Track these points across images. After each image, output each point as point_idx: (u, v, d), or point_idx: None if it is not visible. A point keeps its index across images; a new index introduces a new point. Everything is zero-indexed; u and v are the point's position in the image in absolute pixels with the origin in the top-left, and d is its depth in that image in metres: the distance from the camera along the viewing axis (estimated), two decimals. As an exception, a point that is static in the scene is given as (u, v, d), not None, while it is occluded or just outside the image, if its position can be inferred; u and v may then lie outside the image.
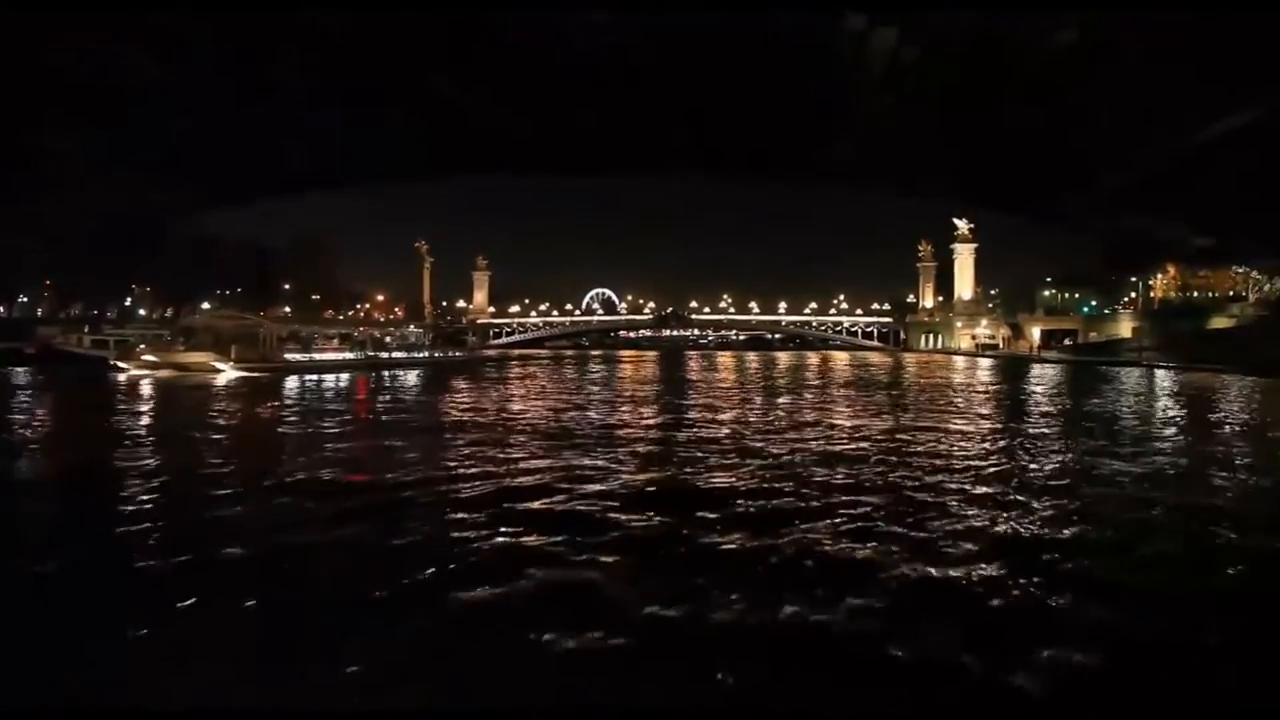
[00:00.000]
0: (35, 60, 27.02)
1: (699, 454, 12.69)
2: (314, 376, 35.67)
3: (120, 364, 36.86)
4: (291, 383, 31.59)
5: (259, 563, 6.59)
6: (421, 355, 54.08)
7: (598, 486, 9.83)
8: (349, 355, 46.19)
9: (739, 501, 8.99)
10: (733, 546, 7.14)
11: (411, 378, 37.20)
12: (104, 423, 17.18)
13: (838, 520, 8.09)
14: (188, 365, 35.96)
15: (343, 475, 10.67)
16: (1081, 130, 34.40)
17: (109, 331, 51.31)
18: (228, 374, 34.94)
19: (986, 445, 14.32)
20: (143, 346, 40.13)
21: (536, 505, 8.81)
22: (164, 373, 34.59)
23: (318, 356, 43.19)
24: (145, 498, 9.02)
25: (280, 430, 16.90)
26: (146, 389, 27.88)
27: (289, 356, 40.90)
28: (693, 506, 8.60)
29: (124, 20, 25.76)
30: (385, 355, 49.70)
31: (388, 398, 26.48)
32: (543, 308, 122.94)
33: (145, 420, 18.62)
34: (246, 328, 42.40)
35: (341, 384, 32.05)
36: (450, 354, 60.96)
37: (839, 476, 10.67)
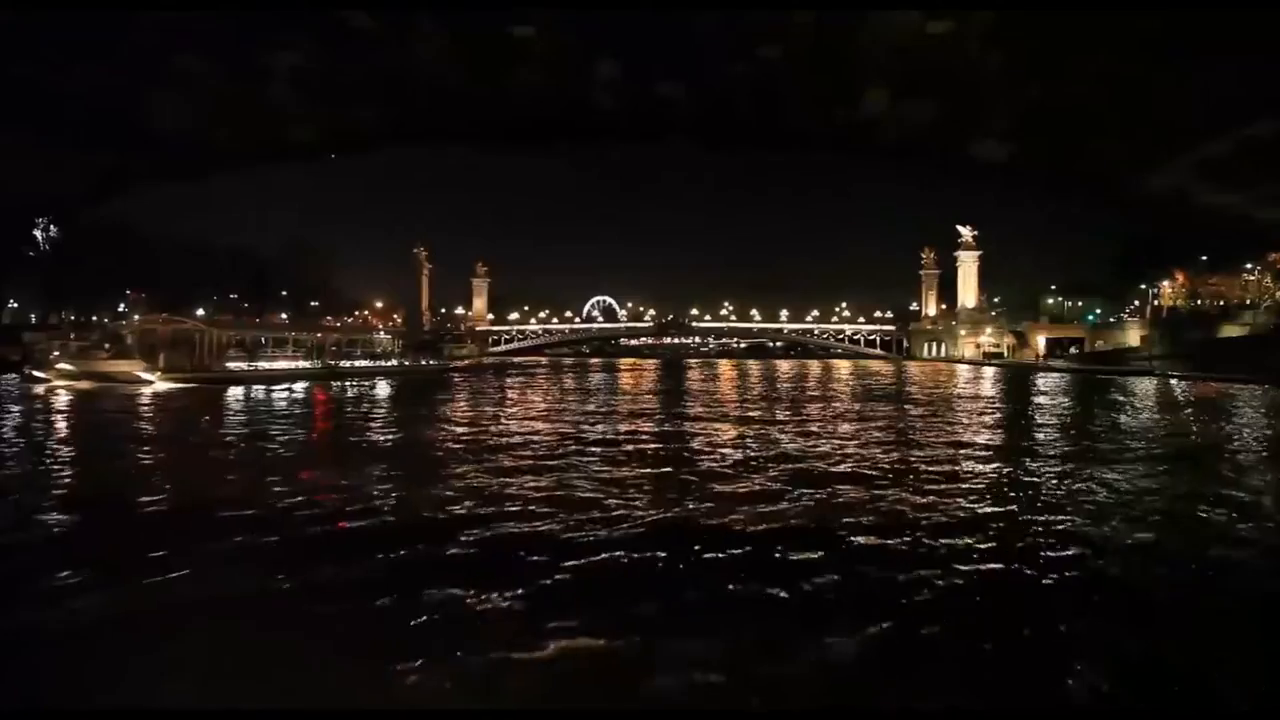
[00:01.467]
0: None
1: (699, 487, 11.01)
2: (262, 388, 32.40)
3: (37, 374, 33.60)
4: (230, 395, 28.25)
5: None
6: (389, 364, 50.19)
7: (574, 532, 8.63)
8: (304, 364, 42.15)
9: (740, 550, 7.75)
10: (736, 619, 5.96)
11: (373, 389, 34.08)
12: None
13: (848, 572, 6.90)
14: (110, 375, 32.35)
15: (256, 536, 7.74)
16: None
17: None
18: (156, 385, 31.36)
19: (1015, 471, 12.84)
20: (56, 354, 36.42)
21: (492, 551, 7.63)
22: (84, 384, 31.01)
23: (266, 365, 39.53)
24: None
25: (189, 461, 13.49)
26: (58, 403, 24.60)
27: (232, 365, 37.44)
28: (692, 561, 7.38)
29: None
30: (347, 364, 45.98)
31: (333, 414, 23.33)
32: (542, 315, 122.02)
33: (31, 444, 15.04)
34: (184, 333, 38.45)
35: (290, 397, 28.54)
36: (424, 363, 56.82)
37: (848, 512, 9.46)
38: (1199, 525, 8.82)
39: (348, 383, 38.39)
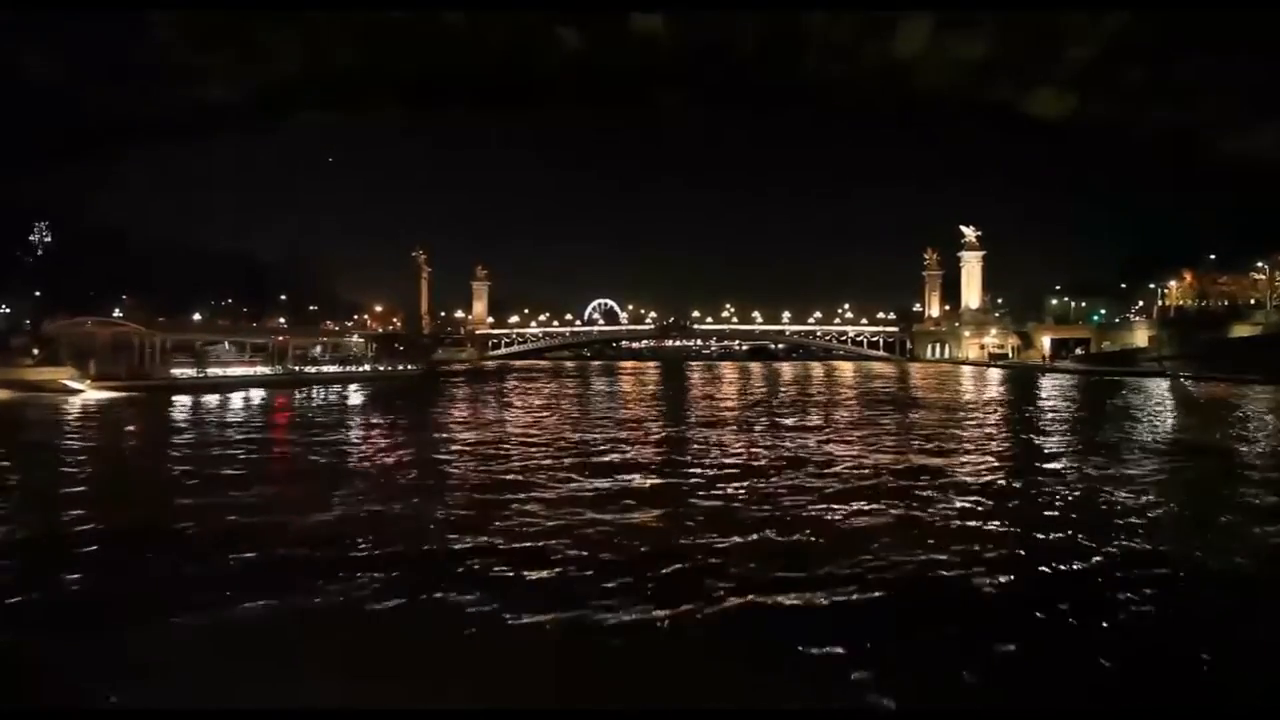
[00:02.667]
0: None
1: (704, 515, 9.79)
2: (214, 397, 29.39)
3: None
4: (172, 407, 25.32)
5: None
6: (361, 370, 46.98)
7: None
8: (262, 370, 39.07)
9: (753, 602, 6.82)
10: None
11: (334, 398, 31.26)
12: None
13: (880, 629, 5.97)
14: (34, 383, 29.25)
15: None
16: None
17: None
18: (86, 394, 28.42)
19: (1059, 492, 11.58)
20: None
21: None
22: (2, 394, 27.75)
23: (218, 372, 36.05)
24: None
25: (105, 487, 11.32)
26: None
27: (177, 372, 34.31)
28: (698, 617, 6.43)
29: None
30: (312, 370, 42.81)
31: (276, 429, 20.25)
32: (543, 318, 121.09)
33: None
34: (123, 336, 35.33)
35: (235, 408, 25.51)
36: (401, 368, 52.76)
37: (872, 545, 8.52)
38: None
39: (314, 390, 35.44)
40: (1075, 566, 7.14)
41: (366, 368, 48.30)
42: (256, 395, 31.47)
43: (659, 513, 9.27)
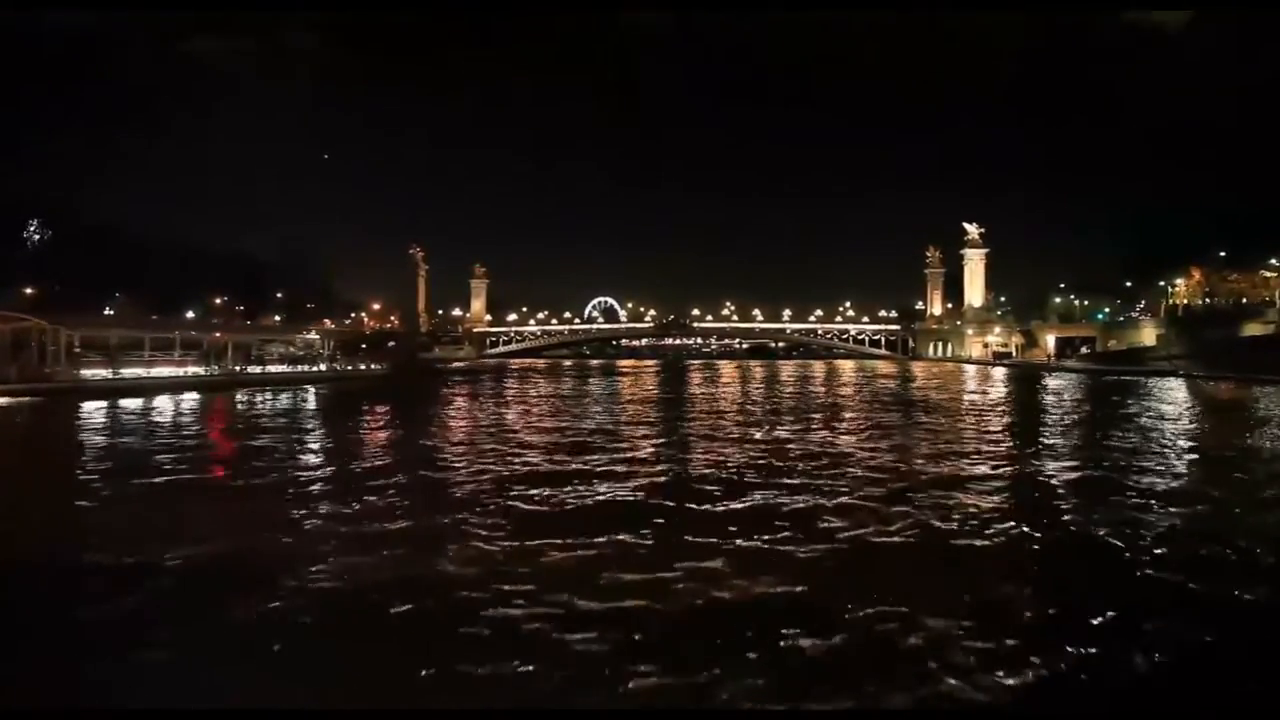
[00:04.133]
0: None
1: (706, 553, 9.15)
2: (133, 402, 25.69)
3: None
4: (74, 413, 21.72)
5: None
6: (313, 370, 43.35)
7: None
8: (195, 370, 35.29)
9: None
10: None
11: (265, 403, 27.33)
12: None
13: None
14: None
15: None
16: None
17: None
18: None
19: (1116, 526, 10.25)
20: None
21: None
22: None
23: (139, 373, 32.47)
24: None
25: None
26: None
27: (86, 373, 31.03)
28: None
29: None
30: (256, 370, 39.30)
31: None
32: (541, 316, 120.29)
33: None
34: (22, 332, 31.35)
35: (148, 417, 21.40)
36: (363, 368, 48.53)
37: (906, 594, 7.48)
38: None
39: (256, 395, 31.24)
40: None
41: (321, 367, 44.94)
42: (180, 399, 27.67)
43: (651, 542, 8.21)
